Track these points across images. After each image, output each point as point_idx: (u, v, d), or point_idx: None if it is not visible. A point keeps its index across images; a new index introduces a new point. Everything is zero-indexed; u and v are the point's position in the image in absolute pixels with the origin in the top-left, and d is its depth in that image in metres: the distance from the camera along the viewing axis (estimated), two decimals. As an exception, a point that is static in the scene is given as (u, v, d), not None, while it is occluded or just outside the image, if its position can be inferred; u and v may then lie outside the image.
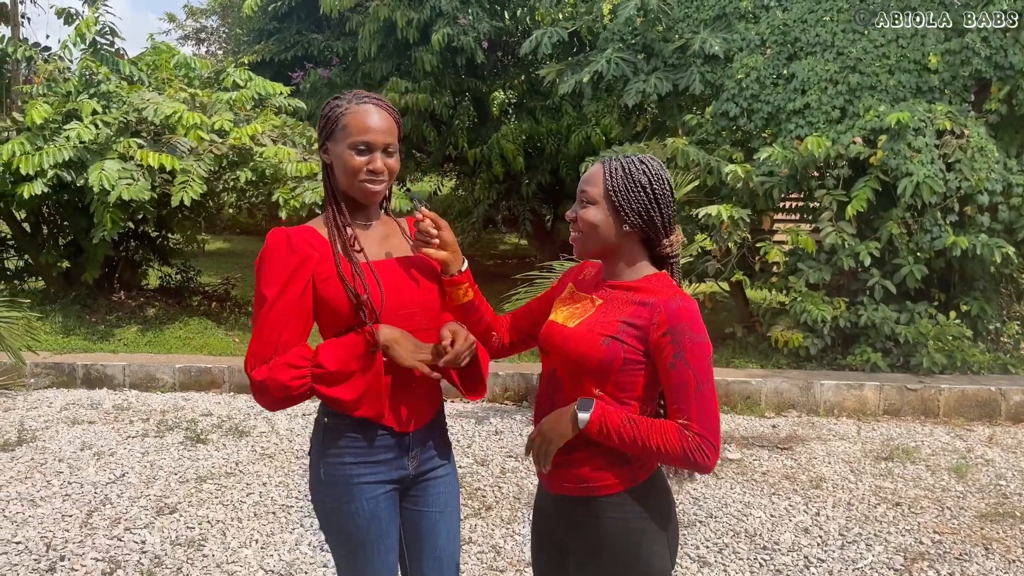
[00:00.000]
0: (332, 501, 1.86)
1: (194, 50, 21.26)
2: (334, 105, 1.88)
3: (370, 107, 1.85)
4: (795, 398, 6.26)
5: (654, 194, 1.72)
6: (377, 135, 1.84)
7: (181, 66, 9.45)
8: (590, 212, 1.73)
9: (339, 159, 1.85)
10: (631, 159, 1.74)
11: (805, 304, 6.79)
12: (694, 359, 1.63)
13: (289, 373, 1.74)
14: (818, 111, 7.18)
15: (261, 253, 1.81)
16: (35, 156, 7.25)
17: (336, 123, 1.85)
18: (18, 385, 6.75)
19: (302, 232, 1.85)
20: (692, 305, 1.68)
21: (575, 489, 1.73)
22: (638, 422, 1.63)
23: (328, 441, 1.87)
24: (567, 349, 1.72)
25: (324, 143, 1.89)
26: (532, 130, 11.45)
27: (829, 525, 4.02)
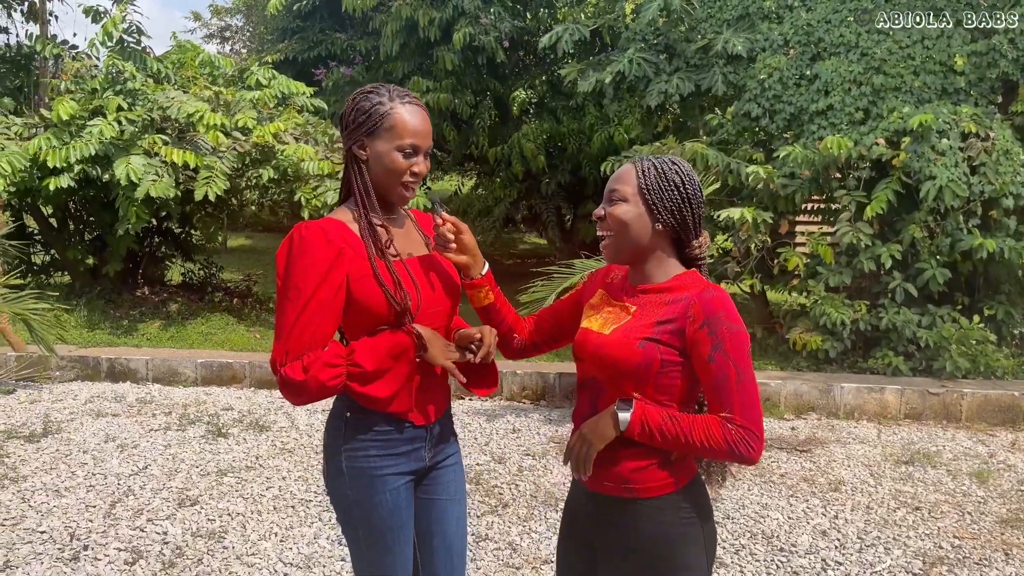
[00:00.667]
0: (355, 494, 1.87)
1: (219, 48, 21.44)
2: (376, 101, 1.82)
3: (416, 108, 1.84)
4: (814, 400, 6.23)
5: (687, 193, 1.71)
6: (424, 139, 1.84)
7: (206, 64, 9.54)
8: (621, 209, 1.70)
9: (381, 158, 1.82)
10: (662, 159, 1.73)
11: (824, 307, 6.75)
12: (733, 349, 1.60)
13: (328, 373, 1.73)
14: (841, 112, 7.14)
15: (292, 246, 1.76)
16: (61, 150, 7.36)
17: (381, 121, 1.81)
18: (44, 377, 6.85)
19: (335, 227, 1.81)
20: (726, 295, 1.65)
21: (615, 489, 1.71)
22: (679, 419, 1.62)
23: (350, 435, 1.88)
24: (603, 355, 1.70)
25: (361, 138, 1.83)
26: (553, 130, 11.45)
27: (847, 528, 4.00)
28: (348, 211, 1.88)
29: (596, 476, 1.73)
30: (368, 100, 1.83)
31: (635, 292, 1.75)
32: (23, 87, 12.85)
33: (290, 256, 1.76)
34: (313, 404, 6.24)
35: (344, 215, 1.87)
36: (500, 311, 2.00)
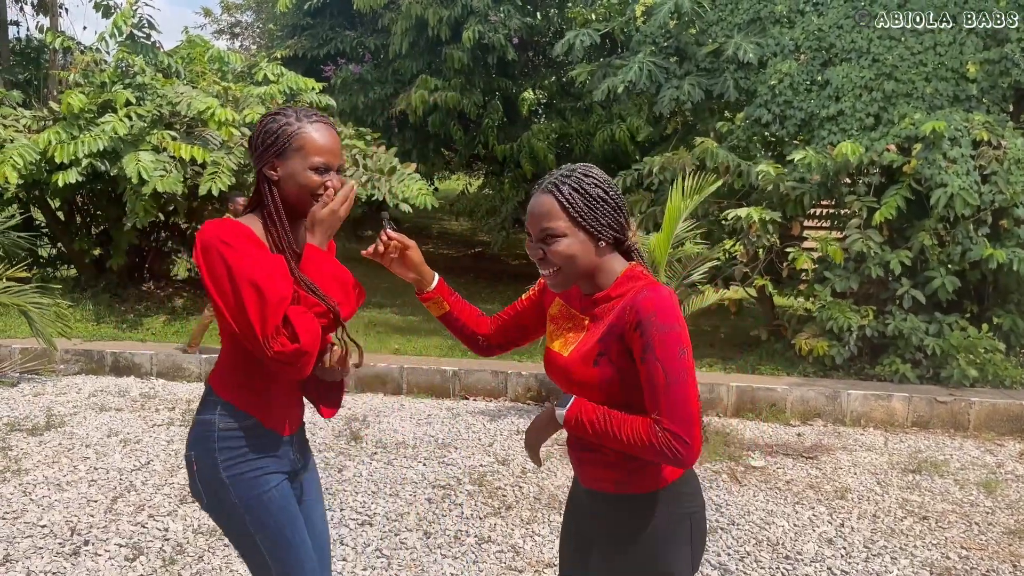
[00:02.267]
0: (243, 500, 1.88)
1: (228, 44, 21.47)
2: (282, 123, 1.84)
3: (324, 126, 1.86)
4: (821, 407, 6.19)
5: (614, 200, 1.69)
6: (334, 156, 1.87)
7: (215, 60, 9.54)
8: (562, 245, 1.66)
9: (295, 177, 1.84)
10: (576, 178, 1.68)
11: (831, 312, 6.71)
12: (662, 351, 1.58)
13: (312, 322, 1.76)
14: (852, 118, 7.10)
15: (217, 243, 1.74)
16: (70, 145, 7.36)
17: (289, 141, 1.83)
18: (48, 371, 6.85)
19: (245, 227, 1.82)
20: (661, 294, 1.62)
21: (608, 485, 1.75)
22: (611, 416, 1.63)
23: (224, 445, 1.89)
24: (567, 377, 1.74)
25: (271, 159, 1.85)
26: (562, 129, 11.43)
27: (854, 537, 3.96)
28: (257, 221, 1.89)
29: (591, 473, 1.78)
30: (275, 122, 1.85)
31: (589, 302, 1.76)
32: (32, 80, 12.88)
33: (221, 252, 1.74)
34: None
35: (252, 223, 1.87)
36: (458, 318, 2.03)
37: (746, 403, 6.28)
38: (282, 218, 1.86)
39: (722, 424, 5.96)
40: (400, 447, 5.18)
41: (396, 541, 3.74)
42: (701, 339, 8.41)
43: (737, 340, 8.21)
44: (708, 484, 4.65)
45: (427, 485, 4.49)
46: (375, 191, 8.29)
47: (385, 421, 5.79)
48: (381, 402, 6.39)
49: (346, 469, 4.71)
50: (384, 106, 11.80)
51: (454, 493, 4.37)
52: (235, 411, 1.89)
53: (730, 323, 8.78)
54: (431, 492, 4.39)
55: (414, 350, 7.55)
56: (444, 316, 2.03)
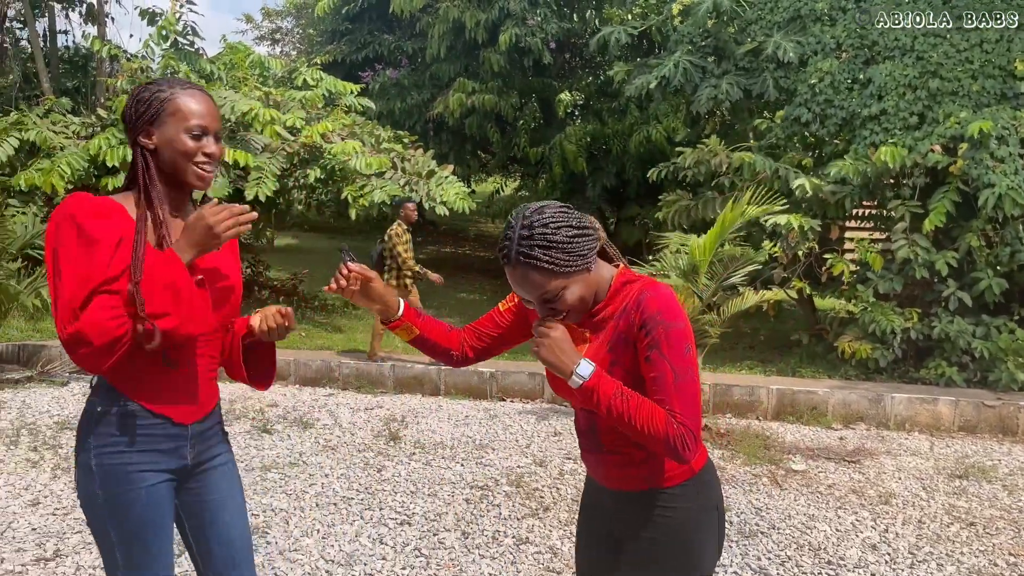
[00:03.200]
0: (106, 493, 1.78)
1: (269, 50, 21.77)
2: (154, 91, 1.81)
3: (198, 93, 1.84)
4: (864, 410, 6.09)
5: (579, 227, 1.63)
6: (210, 120, 1.83)
7: (256, 65, 9.70)
8: (568, 295, 1.63)
9: (171, 143, 1.79)
10: (537, 234, 1.60)
11: (874, 314, 6.60)
12: (668, 348, 1.59)
13: (107, 314, 1.61)
14: (895, 117, 6.98)
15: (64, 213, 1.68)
16: (119, 149, 7.53)
17: (162, 107, 1.80)
18: (96, 370, 7.01)
19: (110, 203, 1.75)
20: (662, 292, 1.63)
21: (637, 483, 1.74)
22: (629, 397, 1.61)
23: (101, 430, 1.79)
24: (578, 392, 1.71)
25: (146, 127, 1.80)
26: (596, 131, 11.41)
27: (898, 543, 3.89)
28: (131, 196, 1.82)
29: (617, 474, 1.77)
30: (147, 91, 1.82)
31: (585, 316, 1.73)
32: (81, 87, 13.20)
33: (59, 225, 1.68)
34: (356, 402, 6.30)
35: (126, 200, 1.81)
36: (428, 339, 1.98)
37: (786, 406, 6.21)
38: (155, 188, 1.79)
39: (762, 427, 5.90)
40: (438, 448, 5.21)
41: (434, 541, 3.76)
42: (741, 341, 8.33)
43: (777, 343, 8.11)
44: (748, 487, 4.61)
45: (465, 486, 4.52)
46: (414, 193, 8.36)
47: (423, 422, 5.83)
48: (419, 403, 6.43)
49: (385, 469, 4.75)
50: (421, 110, 11.89)
51: (492, 494, 4.38)
52: (116, 394, 1.77)
53: (770, 326, 8.68)
54: (469, 492, 4.41)
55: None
56: (415, 340, 1.98)
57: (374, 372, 6.87)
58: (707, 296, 5.43)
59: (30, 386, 6.54)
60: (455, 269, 13.22)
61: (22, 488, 4.26)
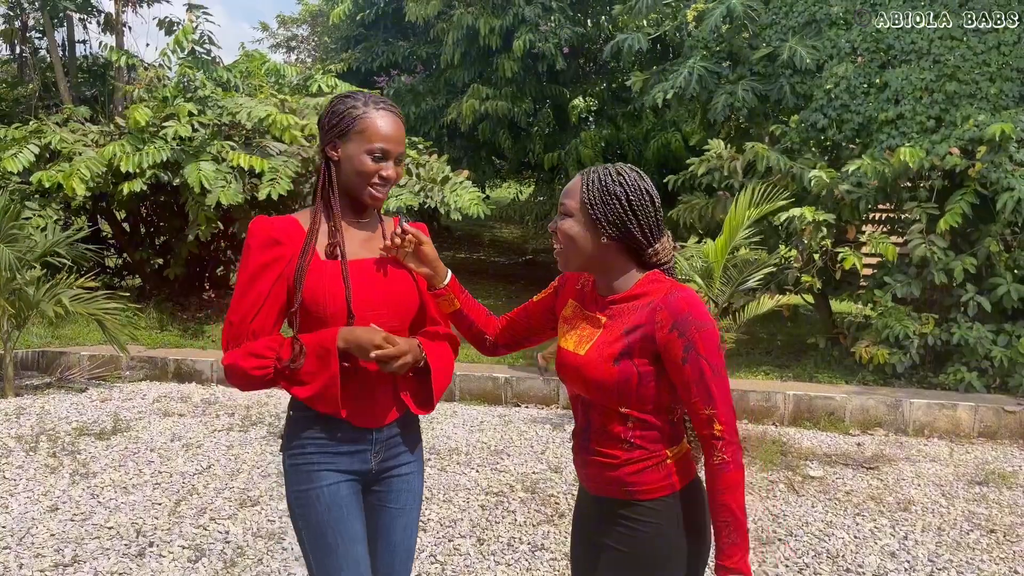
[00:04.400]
0: (295, 489, 1.91)
1: (285, 58, 21.92)
2: (349, 105, 1.88)
3: (389, 114, 1.89)
4: (882, 416, 6.03)
5: (630, 205, 1.70)
6: (394, 144, 1.88)
7: (271, 73, 9.76)
8: (567, 224, 1.74)
9: (351, 160, 1.87)
10: (608, 170, 1.73)
11: (889, 319, 6.54)
12: (705, 348, 1.64)
13: (252, 362, 1.80)
14: (912, 121, 6.92)
15: (250, 230, 1.87)
16: (135, 156, 7.60)
17: (352, 124, 1.86)
18: (114, 377, 7.07)
19: (284, 223, 1.88)
20: (690, 294, 1.68)
21: (616, 492, 1.75)
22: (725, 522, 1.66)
23: (293, 433, 1.93)
24: (583, 377, 1.74)
25: (334, 140, 1.89)
26: (612, 136, 11.40)
27: (918, 550, 3.86)
28: (308, 211, 1.94)
29: (598, 480, 1.79)
30: (343, 103, 1.88)
31: (604, 303, 1.78)
32: (99, 96, 13.33)
33: (243, 250, 1.87)
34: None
35: (303, 214, 1.93)
36: (467, 316, 2.05)
37: (803, 412, 6.16)
38: (335, 199, 1.89)
39: (778, 433, 5.86)
40: (453, 453, 5.21)
41: (450, 547, 3.76)
42: (757, 346, 8.28)
43: (794, 348, 8.06)
44: (765, 494, 4.58)
45: (480, 492, 4.51)
46: (428, 199, 8.38)
47: (438, 427, 5.84)
48: (434, 408, 6.43)
49: (400, 475, 4.76)
50: (436, 116, 11.93)
51: (507, 500, 4.38)
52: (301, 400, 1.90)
53: (786, 330, 8.63)
54: (484, 499, 4.40)
55: (466, 356, 7.59)
56: (454, 314, 2.05)
57: (389, 378, 6.88)
58: (722, 301, 5.41)
59: (49, 392, 6.60)
60: (471, 274, 13.23)
61: (41, 494, 4.29)
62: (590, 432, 1.78)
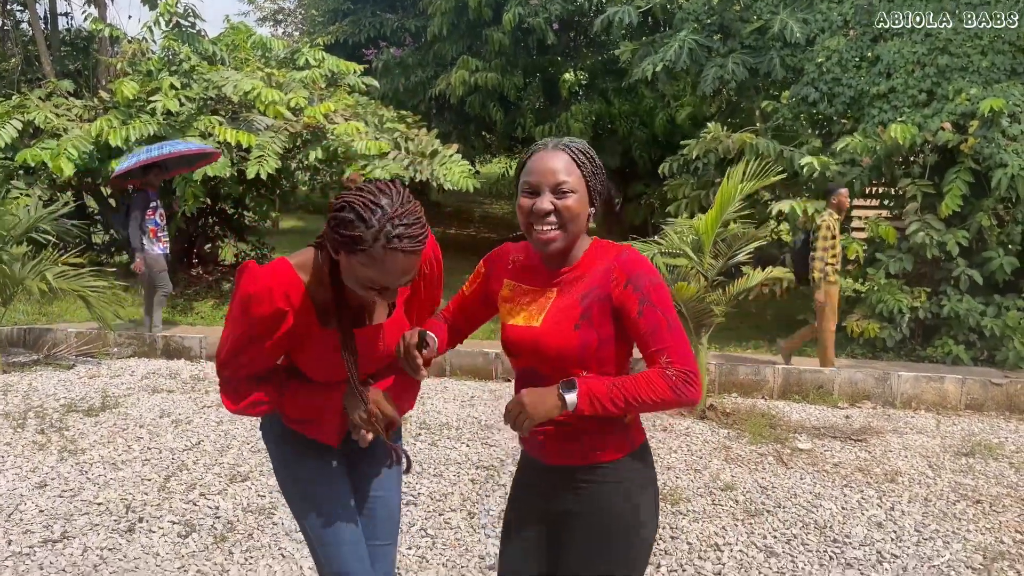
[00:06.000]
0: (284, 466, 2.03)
1: (271, 31, 21.65)
2: (362, 232, 1.62)
3: (398, 257, 1.64)
4: (870, 389, 6.07)
5: (605, 175, 1.76)
6: (394, 282, 1.70)
7: (258, 46, 9.64)
8: (571, 200, 1.68)
9: (351, 272, 1.70)
10: (579, 143, 1.75)
11: (882, 294, 6.56)
12: (659, 300, 1.67)
13: (255, 410, 1.91)
14: (904, 95, 6.90)
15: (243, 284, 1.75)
16: (121, 130, 7.51)
17: (359, 252, 1.64)
18: (103, 353, 7.03)
19: (285, 287, 1.76)
20: (638, 253, 1.72)
21: (576, 459, 1.76)
22: (622, 383, 1.65)
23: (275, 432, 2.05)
24: (541, 348, 1.72)
25: (339, 248, 1.68)
26: (603, 111, 11.33)
27: (904, 520, 3.89)
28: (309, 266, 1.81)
29: (556, 450, 1.78)
30: (362, 222, 1.62)
31: (555, 274, 1.77)
32: (83, 70, 13.14)
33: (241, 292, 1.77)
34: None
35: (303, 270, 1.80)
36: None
37: (792, 385, 6.19)
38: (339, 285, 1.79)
39: (767, 406, 5.89)
40: (444, 428, 5.22)
41: (440, 521, 3.77)
42: (746, 321, 8.31)
43: (784, 323, 8.08)
44: (754, 466, 4.60)
45: (471, 466, 4.52)
46: (417, 173, 8.32)
47: (429, 403, 5.84)
48: (424, 384, 6.40)
49: (391, 450, 4.76)
50: (424, 88, 11.82)
51: (497, 474, 4.39)
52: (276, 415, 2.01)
53: (776, 305, 8.64)
54: (475, 473, 4.41)
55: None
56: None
57: (379, 353, 6.87)
58: (712, 275, 5.40)
59: (36, 369, 6.56)
60: (462, 249, 13.20)
61: (29, 471, 4.28)
62: None
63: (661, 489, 4.23)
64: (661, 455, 4.76)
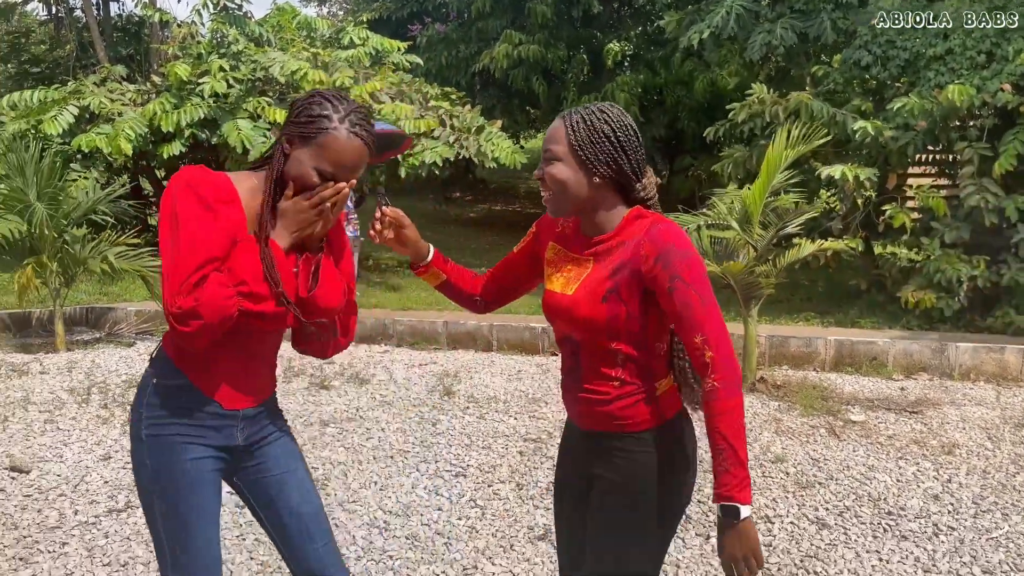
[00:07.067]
0: (154, 462, 1.79)
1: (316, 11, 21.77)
2: (325, 112, 1.70)
3: (357, 141, 1.72)
4: (926, 360, 5.93)
5: (619, 142, 1.71)
6: (347, 173, 1.74)
7: (303, 26, 9.72)
8: (556, 168, 1.72)
9: (299, 164, 1.72)
10: (591, 109, 1.73)
11: (939, 263, 6.39)
12: (690, 276, 1.64)
13: (223, 292, 1.63)
14: (962, 56, 6.66)
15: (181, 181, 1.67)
16: (173, 114, 7.66)
17: (317, 134, 1.70)
18: (160, 331, 7.23)
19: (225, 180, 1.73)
20: (672, 226, 1.69)
21: (607, 425, 1.78)
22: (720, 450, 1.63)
23: (153, 401, 1.81)
24: (573, 317, 1.75)
25: (294, 137, 1.73)
26: (648, 81, 11.18)
27: (962, 493, 3.81)
28: (250, 178, 1.79)
29: (589, 416, 1.81)
30: (320, 107, 1.71)
31: (590, 243, 1.78)
32: (135, 55, 13.41)
33: (176, 194, 1.66)
34: (411, 358, 6.39)
35: (243, 180, 1.77)
36: (455, 284, 2.07)
37: (845, 357, 6.09)
38: (272, 187, 1.75)
39: (819, 378, 5.81)
40: (491, 402, 5.26)
41: (489, 492, 3.82)
42: (797, 293, 8.18)
43: (835, 294, 7.94)
44: (805, 439, 4.55)
45: (518, 438, 4.56)
46: (463, 150, 8.34)
47: (476, 377, 5.89)
48: (472, 358, 6.49)
49: (440, 423, 4.82)
50: (468, 63, 11.80)
51: (545, 446, 4.42)
52: (173, 368, 1.79)
53: (827, 277, 8.48)
54: (522, 445, 4.45)
55: (504, 309, 7.61)
56: (441, 285, 2.06)
57: (427, 329, 6.94)
58: (762, 246, 5.32)
59: (99, 346, 6.79)
60: (507, 226, 13.22)
61: (94, 443, 4.44)
62: (580, 372, 1.80)
63: (710, 461, 4.21)
64: (710, 427, 4.74)
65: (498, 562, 3.15)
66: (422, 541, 3.32)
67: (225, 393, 1.81)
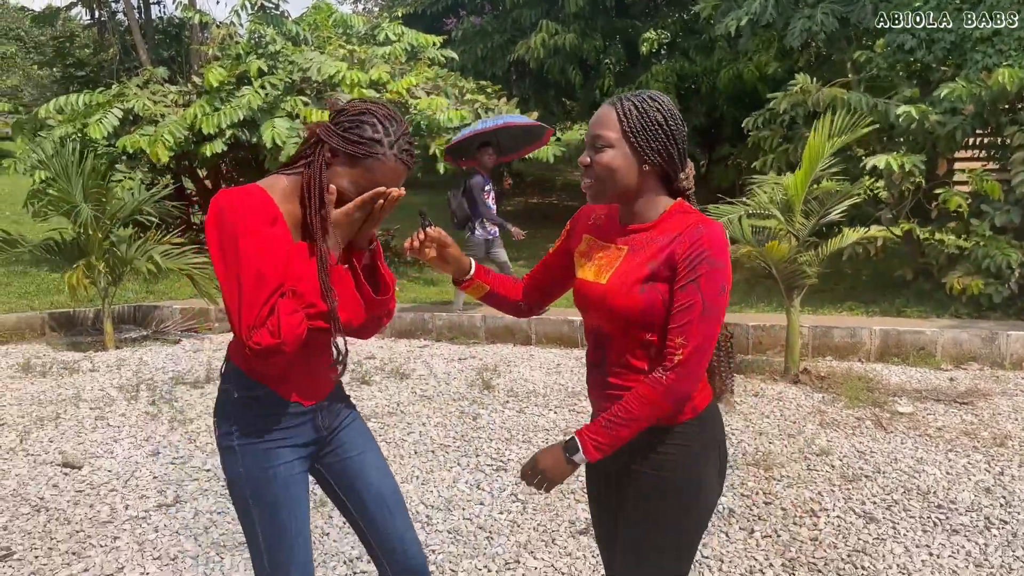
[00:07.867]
0: (247, 471, 1.85)
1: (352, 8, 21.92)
2: (377, 136, 1.73)
3: (401, 169, 1.78)
4: (976, 350, 5.79)
5: (670, 130, 1.70)
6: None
7: (339, 24, 9.79)
8: (608, 155, 1.70)
9: (341, 179, 1.75)
10: (641, 97, 1.71)
11: (989, 248, 6.23)
12: (707, 283, 1.63)
13: (295, 320, 1.69)
14: (1010, 37, 6.46)
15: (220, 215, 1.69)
16: (213, 117, 7.78)
17: (366, 158, 1.73)
18: (205, 328, 7.36)
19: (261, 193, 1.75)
20: (716, 230, 1.66)
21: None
22: (617, 414, 1.66)
23: (239, 413, 1.87)
24: (607, 306, 1.72)
25: (340, 151, 1.75)
26: (684, 69, 11.05)
27: (1015, 485, 3.72)
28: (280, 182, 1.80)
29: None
30: (374, 128, 1.73)
31: (626, 231, 1.77)
32: (176, 57, 13.64)
33: (221, 225, 1.69)
34: (450, 353, 6.41)
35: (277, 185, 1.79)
36: (498, 294, 2.05)
37: (891, 347, 5.97)
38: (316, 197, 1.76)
39: (864, 369, 5.70)
40: (531, 395, 5.26)
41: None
42: (841, 283, 8.04)
43: (880, 283, 7.78)
44: (851, 431, 4.48)
45: (559, 432, 4.55)
46: (498, 144, 8.33)
47: (515, 371, 5.89)
48: (511, 352, 6.49)
49: (480, 417, 4.84)
50: (503, 54, 11.79)
51: (586, 440, 4.40)
52: (249, 380, 1.85)
53: (872, 265, 8.32)
54: (563, 439, 4.43)
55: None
56: (485, 296, 2.05)
57: (466, 323, 6.96)
58: (804, 235, 5.23)
59: (146, 344, 6.93)
60: (543, 219, 13.17)
61: (143, 439, 4.54)
62: (607, 366, 1.78)
63: (753, 454, 4.17)
64: (753, 420, 4.68)
65: (540, 556, 3.15)
66: (464, 535, 3.34)
67: (303, 392, 1.88)
